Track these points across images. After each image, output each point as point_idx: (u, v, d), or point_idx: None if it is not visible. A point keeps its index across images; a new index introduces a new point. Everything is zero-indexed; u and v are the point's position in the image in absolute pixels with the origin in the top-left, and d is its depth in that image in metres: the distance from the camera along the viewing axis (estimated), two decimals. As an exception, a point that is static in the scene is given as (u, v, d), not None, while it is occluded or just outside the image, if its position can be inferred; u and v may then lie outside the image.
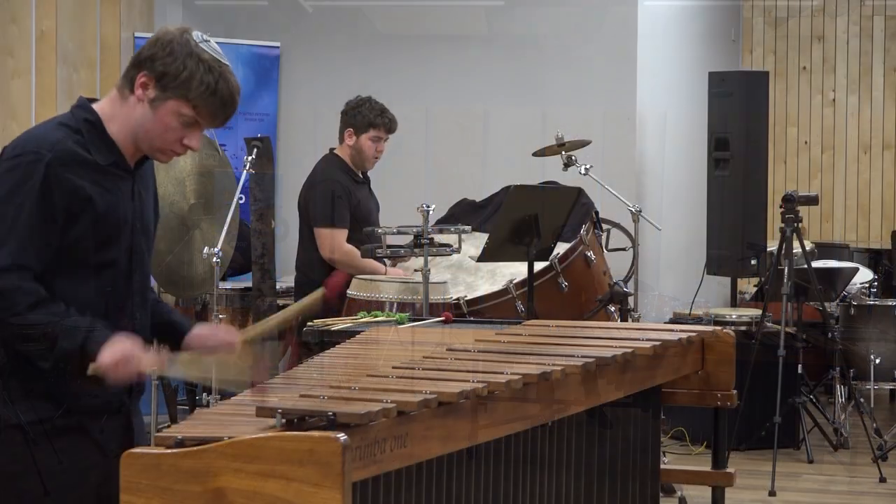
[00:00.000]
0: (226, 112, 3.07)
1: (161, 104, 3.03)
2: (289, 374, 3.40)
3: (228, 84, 3.05)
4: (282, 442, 2.56)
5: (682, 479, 4.73)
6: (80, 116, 3.07)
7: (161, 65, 3.02)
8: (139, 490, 2.65)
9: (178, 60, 3.01)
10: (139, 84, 3.04)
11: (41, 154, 2.95)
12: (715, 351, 4.30)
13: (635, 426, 4.11)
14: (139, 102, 3.04)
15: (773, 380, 7.04)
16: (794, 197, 7.18)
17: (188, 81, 3.01)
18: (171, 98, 3.02)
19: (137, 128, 3.06)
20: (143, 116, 3.05)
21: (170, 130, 3.05)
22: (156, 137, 3.06)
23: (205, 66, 3.02)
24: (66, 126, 3.04)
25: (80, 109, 3.09)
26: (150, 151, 3.10)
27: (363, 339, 4.03)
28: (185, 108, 3.03)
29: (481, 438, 3.14)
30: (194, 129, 3.07)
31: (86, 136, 3.04)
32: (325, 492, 2.52)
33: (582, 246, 6.32)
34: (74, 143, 3.01)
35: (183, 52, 3.02)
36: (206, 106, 3.04)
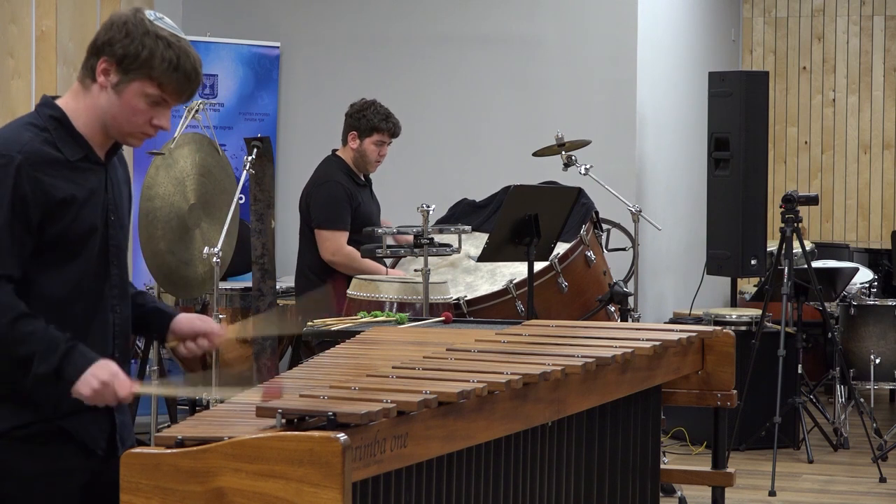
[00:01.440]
0: (191, 86, 3.03)
1: (125, 87, 2.99)
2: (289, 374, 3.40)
3: (190, 58, 3.01)
4: (282, 442, 2.56)
5: (682, 479, 4.73)
6: (46, 114, 3.02)
7: (120, 47, 2.97)
8: (139, 490, 2.65)
9: (137, 40, 2.97)
10: (100, 71, 3.00)
11: (11, 156, 2.91)
12: (715, 351, 4.30)
13: (635, 426, 4.11)
14: (102, 90, 3.00)
15: (773, 380, 7.04)
16: (794, 197, 7.19)
17: (150, 60, 2.97)
18: (135, 79, 2.98)
19: (105, 115, 3.02)
20: (109, 103, 3.00)
21: (138, 113, 3.01)
22: (125, 122, 3.02)
23: (164, 42, 2.98)
24: (33, 125, 3.00)
25: (44, 107, 3.04)
26: (121, 137, 3.06)
27: (363, 339, 4.03)
28: (150, 87, 2.99)
29: (481, 438, 3.14)
30: (162, 107, 3.03)
31: (53, 133, 3.00)
32: (325, 492, 2.52)
33: (582, 246, 6.32)
34: (42, 141, 2.97)
35: (139, 31, 2.98)
36: (171, 82, 2.99)
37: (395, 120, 6.59)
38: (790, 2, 11.09)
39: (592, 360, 3.54)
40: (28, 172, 2.91)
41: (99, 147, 3.06)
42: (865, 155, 10.93)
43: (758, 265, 8.37)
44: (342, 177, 6.53)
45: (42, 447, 2.96)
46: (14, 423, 2.94)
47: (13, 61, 7.14)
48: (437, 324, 4.61)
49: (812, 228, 10.85)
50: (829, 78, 11.01)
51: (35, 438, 2.96)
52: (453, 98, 8.42)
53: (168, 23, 3.03)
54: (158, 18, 3.02)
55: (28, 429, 2.95)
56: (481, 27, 8.40)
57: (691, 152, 9.26)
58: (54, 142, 2.98)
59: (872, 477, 6.91)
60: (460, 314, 5.92)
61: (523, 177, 6.88)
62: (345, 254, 6.40)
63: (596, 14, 8.25)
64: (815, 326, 8.47)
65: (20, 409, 2.95)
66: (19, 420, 2.95)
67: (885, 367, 7.90)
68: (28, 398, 2.94)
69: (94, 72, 3.00)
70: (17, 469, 2.94)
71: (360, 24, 8.52)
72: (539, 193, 6.08)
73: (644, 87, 8.33)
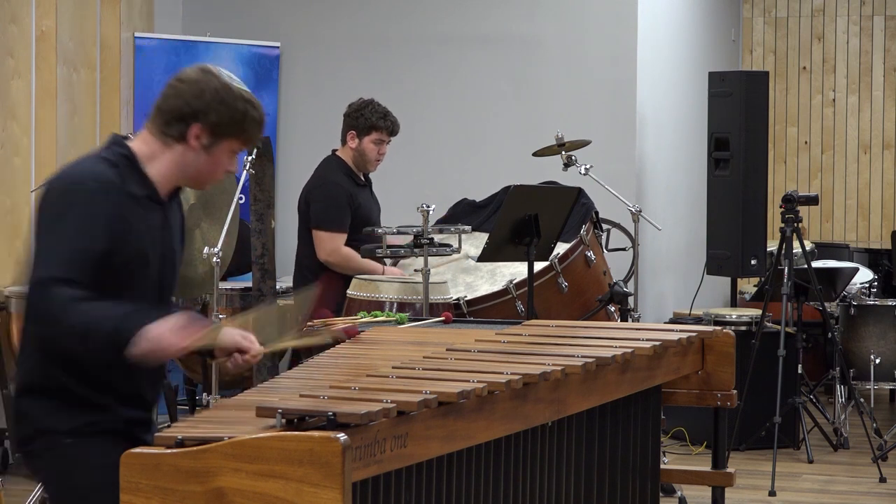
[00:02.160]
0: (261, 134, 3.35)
1: (216, 147, 3.25)
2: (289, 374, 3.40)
3: (260, 108, 3.30)
4: (282, 442, 2.56)
5: (682, 479, 4.73)
6: (117, 152, 3.24)
7: (215, 115, 3.22)
8: (139, 490, 2.65)
9: (231, 107, 3.22)
10: (192, 136, 3.23)
11: (88, 184, 3.14)
12: (715, 351, 4.31)
13: (635, 426, 4.11)
14: (190, 150, 3.24)
15: (773, 380, 7.04)
16: (794, 197, 7.18)
17: (242, 122, 3.24)
18: (226, 139, 3.25)
19: (187, 169, 3.27)
20: (196, 160, 3.26)
21: (221, 165, 3.29)
22: (207, 175, 3.29)
23: (250, 104, 3.26)
24: (106, 160, 3.21)
25: (116, 146, 3.26)
26: (198, 185, 3.35)
27: (363, 339, 4.03)
28: (237, 145, 3.28)
29: (481, 438, 3.14)
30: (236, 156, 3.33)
31: (122, 169, 3.21)
32: (325, 492, 2.52)
33: (582, 246, 6.32)
34: (114, 175, 3.19)
35: (230, 97, 3.23)
36: (254, 136, 3.30)
37: (393, 118, 6.59)
38: (790, 2, 11.09)
39: (592, 360, 3.54)
40: (102, 199, 3.13)
41: (163, 191, 3.30)
42: (865, 155, 10.93)
43: (758, 265, 8.37)
44: (342, 177, 6.53)
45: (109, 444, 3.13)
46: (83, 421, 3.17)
47: (13, 61, 7.14)
48: (437, 324, 4.61)
49: (812, 228, 10.85)
50: (829, 78, 11.01)
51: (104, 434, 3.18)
52: (453, 98, 8.42)
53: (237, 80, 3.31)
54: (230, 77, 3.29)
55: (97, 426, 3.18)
56: (481, 27, 8.40)
57: (691, 152, 9.26)
58: (123, 177, 3.20)
59: (872, 477, 6.91)
60: (460, 314, 5.91)
61: (523, 177, 6.88)
62: (342, 255, 6.40)
63: (596, 14, 8.25)
64: (815, 326, 8.46)
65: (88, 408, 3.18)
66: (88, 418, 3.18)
67: (885, 367, 7.90)
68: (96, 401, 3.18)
69: (185, 135, 3.23)
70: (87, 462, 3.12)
71: (360, 24, 8.52)
72: (539, 193, 6.08)
73: (644, 87, 8.33)
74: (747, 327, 7.49)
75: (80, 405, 3.18)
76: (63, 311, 3.04)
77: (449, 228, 5.89)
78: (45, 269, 3.09)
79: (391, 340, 4.10)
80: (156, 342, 3.02)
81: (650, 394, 4.17)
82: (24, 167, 7.21)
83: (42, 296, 3.09)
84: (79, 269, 3.08)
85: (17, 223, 7.17)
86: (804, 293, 7.47)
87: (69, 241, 3.09)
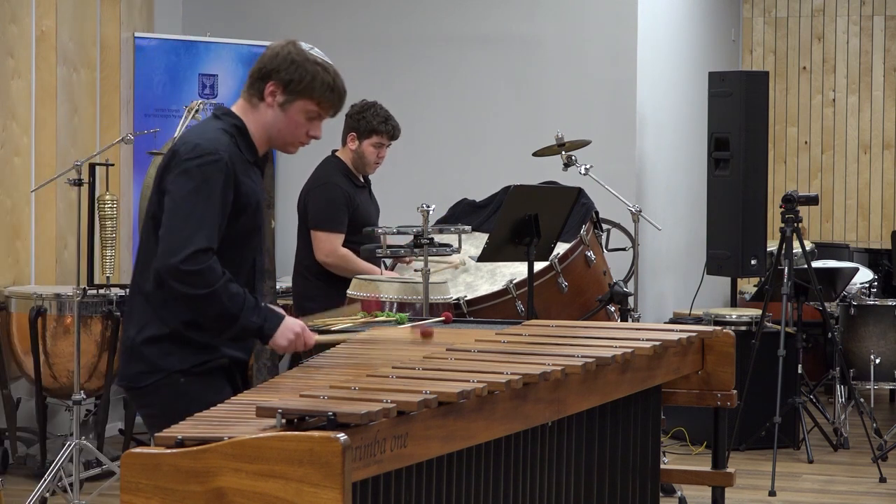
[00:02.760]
0: (341, 103, 3.71)
1: (290, 105, 3.64)
2: (289, 374, 3.40)
3: (341, 79, 3.70)
4: (282, 442, 2.56)
5: (682, 479, 4.73)
6: (230, 122, 3.65)
7: (286, 73, 3.62)
8: (139, 490, 2.65)
9: (301, 67, 3.63)
10: (268, 92, 3.64)
11: (220, 155, 3.53)
12: (715, 351, 4.30)
13: (635, 426, 4.11)
14: (269, 108, 3.65)
15: (773, 380, 7.04)
16: (794, 197, 7.19)
17: (311, 83, 3.63)
18: (299, 99, 3.63)
19: (270, 128, 3.67)
20: (275, 118, 3.65)
21: (299, 126, 3.66)
22: (288, 134, 3.68)
23: (321, 67, 3.66)
24: (225, 131, 3.61)
25: (227, 117, 3.67)
26: (283, 146, 3.72)
27: (363, 339, 4.02)
28: (310, 105, 3.65)
29: (481, 438, 3.14)
30: (317, 121, 3.69)
31: (237, 138, 3.63)
32: (325, 492, 2.52)
33: (582, 246, 6.32)
34: (234, 144, 3.60)
35: (301, 59, 3.64)
36: (328, 100, 3.66)
37: (394, 122, 6.58)
38: (790, 2, 11.09)
39: (592, 360, 3.54)
40: (231, 169, 3.54)
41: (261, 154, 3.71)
42: (865, 155, 10.93)
43: (758, 265, 8.37)
44: (340, 178, 6.52)
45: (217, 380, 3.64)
46: (193, 362, 3.60)
47: (13, 61, 7.14)
48: (437, 324, 4.60)
49: (812, 228, 10.85)
50: (829, 78, 11.01)
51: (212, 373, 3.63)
52: (453, 98, 8.42)
53: (319, 52, 3.70)
54: (311, 48, 3.69)
55: (206, 365, 3.62)
56: (481, 27, 8.40)
57: (691, 152, 9.26)
58: (239, 146, 3.62)
59: (872, 477, 6.92)
60: (460, 314, 5.91)
61: (523, 177, 6.88)
62: (339, 255, 6.39)
63: (596, 14, 8.25)
64: (815, 326, 8.47)
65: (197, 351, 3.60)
66: (198, 359, 3.61)
67: (885, 367, 7.90)
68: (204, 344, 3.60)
69: (262, 93, 3.65)
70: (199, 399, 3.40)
71: (359, 24, 8.52)
72: (539, 193, 6.07)
73: (644, 87, 8.33)
74: (747, 327, 7.49)
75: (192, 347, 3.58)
76: (215, 284, 3.46)
77: (449, 228, 5.88)
78: (193, 237, 3.45)
79: (391, 340, 4.09)
80: (293, 336, 3.59)
81: (650, 394, 4.17)
82: (24, 167, 7.21)
83: (195, 261, 3.45)
84: (216, 240, 3.49)
85: (17, 223, 7.17)
86: (804, 293, 7.47)
87: (209, 212, 3.48)
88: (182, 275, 3.46)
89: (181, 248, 3.45)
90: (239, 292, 3.51)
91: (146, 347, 3.60)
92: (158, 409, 3.62)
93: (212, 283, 3.46)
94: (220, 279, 3.47)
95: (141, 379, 3.61)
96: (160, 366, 3.59)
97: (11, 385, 6.91)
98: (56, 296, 6.69)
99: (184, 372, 3.59)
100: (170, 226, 3.50)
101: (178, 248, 3.45)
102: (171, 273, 3.47)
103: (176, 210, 3.50)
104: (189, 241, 3.45)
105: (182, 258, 3.45)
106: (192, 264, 3.45)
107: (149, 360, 3.59)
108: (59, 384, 6.68)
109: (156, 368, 3.59)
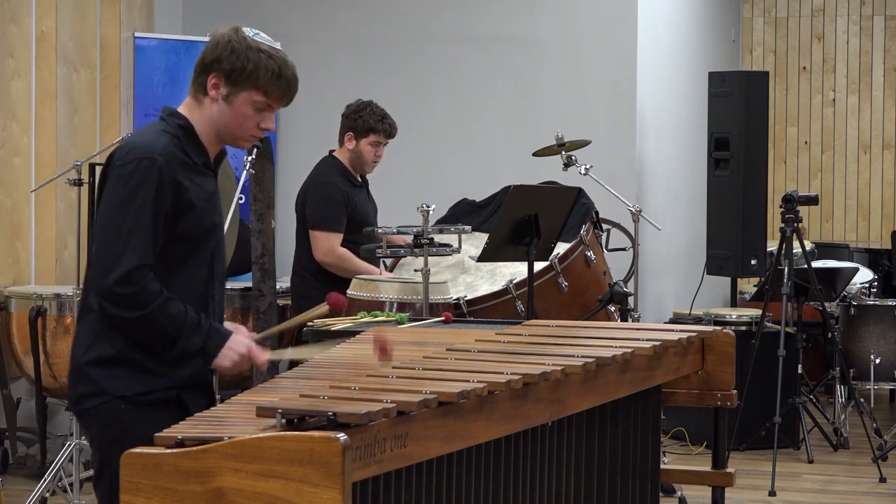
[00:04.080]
0: (291, 91, 3.44)
1: (235, 97, 3.39)
2: (289, 374, 3.40)
3: (289, 66, 3.42)
4: (282, 442, 2.56)
5: (682, 479, 4.73)
6: (174, 123, 3.41)
7: (227, 63, 3.38)
8: (139, 490, 2.65)
9: (242, 55, 3.38)
10: (211, 85, 3.39)
11: (154, 159, 3.29)
12: (715, 351, 4.30)
13: (635, 426, 4.11)
14: (214, 102, 3.40)
15: (773, 380, 7.04)
16: (794, 197, 7.19)
17: (255, 71, 3.38)
18: (243, 90, 3.38)
19: (217, 123, 3.42)
20: (221, 112, 3.40)
21: (247, 118, 3.41)
22: (236, 127, 3.42)
23: (265, 54, 3.39)
24: (167, 133, 3.37)
25: (171, 117, 3.43)
26: (233, 141, 3.47)
27: (363, 339, 4.02)
28: (256, 95, 3.39)
29: (481, 438, 3.14)
30: (267, 112, 3.43)
31: (182, 140, 3.38)
32: (325, 492, 2.52)
33: (582, 246, 6.32)
34: (175, 146, 3.35)
35: (243, 46, 3.40)
36: (275, 89, 3.40)
37: (391, 121, 6.59)
38: (790, 2, 11.09)
39: (592, 360, 3.54)
40: (167, 174, 3.29)
41: (211, 155, 3.47)
42: (865, 155, 10.93)
43: (758, 265, 8.37)
44: (338, 178, 6.53)
45: (161, 413, 3.30)
46: (139, 390, 3.33)
47: (13, 61, 7.13)
48: (437, 324, 4.61)
49: (812, 228, 10.85)
50: (829, 78, 11.01)
51: (156, 405, 3.34)
52: (453, 98, 8.42)
53: (264, 37, 3.47)
54: (255, 34, 3.47)
55: (151, 395, 3.34)
56: (481, 27, 8.40)
57: (691, 152, 9.26)
58: (183, 147, 3.38)
59: (872, 477, 6.91)
60: (460, 314, 5.91)
61: (523, 177, 6.88)
62: (337, 255, 6.40)
63: (596, 14, 8.25)
64: (815, 326, 8.46)
65: (147, 376, 3.34)
66: (144, 387, 3.34)
67: (885, 367, 7.90)
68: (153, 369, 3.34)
69: (206, 86, 3.41)
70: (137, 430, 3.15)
71: (359, 24, 8.52)
72: (539, 193, 6.08)
73: (644, 87, 8.33)
74: (747, 327, 7.49)
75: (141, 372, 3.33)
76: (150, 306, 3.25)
77: (449, 228, 5.88)
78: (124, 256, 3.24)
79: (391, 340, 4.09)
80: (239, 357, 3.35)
81: (650, 394, 4.17)
82: (24, 167, 7.21)
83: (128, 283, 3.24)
84: (151, 253, 3.26)
85: (17, 223, 7.17)
86: (804, 293, 7.47)
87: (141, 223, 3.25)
88: (116, 298, 3.25)
89: (113, 268, 3.24)
90: (178, 312, 3.29)
91: (92, 369, 3.36)
92: (95, 432, 3.41)
93: (147, 305, 3.25)
94: (155, 299, 3.25)
95: (84, 401, 3.38)
96: (105, 389, 3.33)
97: (11, 385, 6.91)
98: (56, 296, 6.69)
99: (127, 399, 3.33)
100: (101, 241, 3.29)
101: (110, 269, 3.24)
102: (104, 296, 3.27)
103: (107, 223, 3.29)
104: (120, 261, 3.23)
105: (114, 280, 3.24)
106: (126, 287, 3.23)
107: (94, 382, 3.35)
108: (59, 384, 6.68)
109: (100, 391, 3.34)
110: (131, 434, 3.13)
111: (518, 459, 3.42)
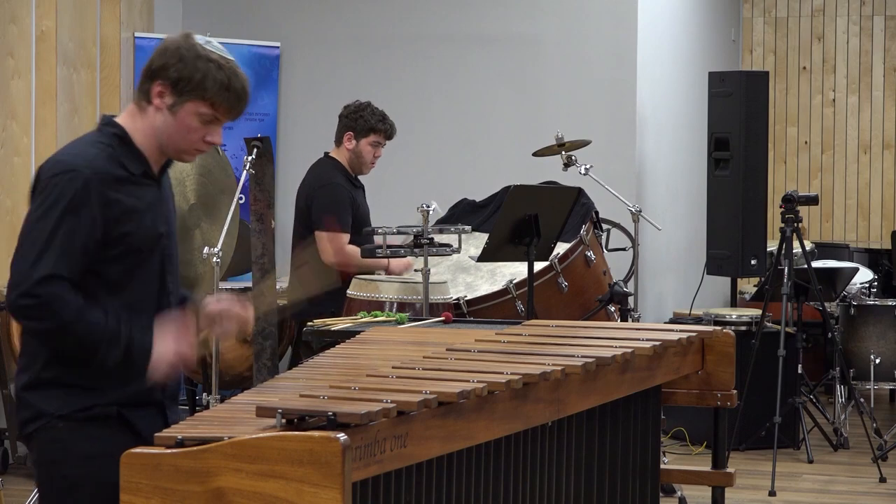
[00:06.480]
0: (240, 104, 3.28)
1: (180, 108, 3.20)
2: (289, 374, 3.40)
3: (239, 78, 3.26)
4: (282, 442, 2.56)
5: (682, 479, 4.73)
6: (109, 132, 3.22)
7: (174, 71, 3.18)
8: (139, 490, 2.65)
9: (190, 64, 3.18)
10: (155, 94, 3.20)
11: (79, 171, 3.10)
12: (715, 351, 4.30)
13: (635, 426, 4.11)
14: (158, 111, 3.21)
15: (773, 380, 7.04)
16: (794, 197, 7.18)
17: (202, 82, 3.19)
18: (189, 100, 3.19)
19: (161, 135, 3.22)
20: (165, 123, 3.21)
21: (192, 131, 3.22)
22: (180, 140, 3.23)
23: (215, 65, 3.20)
24: (99, 143, 3.19)
25: (107, 126, 3.24)
26: (176, 154, 3.27)
27: (363, 339, 4.03)
28: (202, 107, 3.20)
29: (481, 438, 3.14)
30: (214, 125, 3.25)
31: (117, 149, 3.19)
32: (325, 492, 2.52)
33: (582, 246, 6.32)
34: (107, 157, 3.17)
35: (191, 55, 3.19)
36: (223, 101, 3.22)
37: (390, 122, 6.61)
38: (790, 2, 11.09)
39: (592, 360, 3.54)
40: (95, 186, 3.10)
41: (154, 164, 3.27)
42: (865, 155, 10.93)
43: (758, 265, 8.37)
44: (342, 178, 6.53)
45: (101, 430, 3.15)
46: (76, 406, 3.15)
47: (13, 61, 7.14)
48: (437, 324, 4.61)
49: (812, 228, 10.85)
50: (829, 78, 11.01)
51: (95, 421, 3.16)
52: (453, 98, 8.42)
53: (216, 46, 3.26)
54: (207, 42, 3.25)
55: (90, 411, 3.15)
56: (481, 27, 8.40)
57: (691, 152, 9.26)
58: (118, 157, 3.18)
59: (872, 477, 6.91)
60: (460, 314, 5.92)
61: (523, 177, 6.88)
62: (346, 254, 6.40)
63: (596, 14, 8.25)
64: (815, 326, 8.47)
65: (84, 393, 3.15)
66: (81, 403, 3.15)
67: (885, 367, 7.90)
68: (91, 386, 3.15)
69: (150, 95, 3.21)
70: (75, 449, 3.10)
71: (360, 24, 8.52)
72: (539, 193, 6.08)
73: (644, 87, 8.33)
74: (747, 327, 7.49)
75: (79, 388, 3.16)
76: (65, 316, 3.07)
77: (449, 228, 5.89)
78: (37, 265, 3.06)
79: (391, 340, 4.10)
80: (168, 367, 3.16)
81: (650, 394, 4.17)
82: (24, 167, 7.21)
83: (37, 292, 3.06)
84: (68, 264, 3.07)
85: (17, 223, 7.16)
86: (804, 293, 7.47)
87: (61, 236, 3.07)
88: (24, 309, 3.08)
89: (22, 281, 3.06)
90: (97, 322, 3.09)
91: (29, 393, 3.18)
92: (36, 456, 3.22)
93: (56, 314, 3.06)
94: (70, 309, 3.06)
95: (25, 427, 3.20)
96: (43, 410, 3.15)
97: (11, 385, 6.91)
98: (56, 296, 6.67)
99: (65, 417, 3.14)
100: (18, 253, 3.11)
101: (19, 283, 3.07)
102: (13, 310, 3.11)
103: (25, 236, 3.11)
104: (32, 271, 3.05)
105: (20, 292, 3.06)
106: (30, 298, 3.05)
107: (32, 406, 3.17)
108: (59, 384, 6.68)
109: (38, 414, 3.16)
110: (70, 453, 3.11)
111: (518, 459, 3.42)
